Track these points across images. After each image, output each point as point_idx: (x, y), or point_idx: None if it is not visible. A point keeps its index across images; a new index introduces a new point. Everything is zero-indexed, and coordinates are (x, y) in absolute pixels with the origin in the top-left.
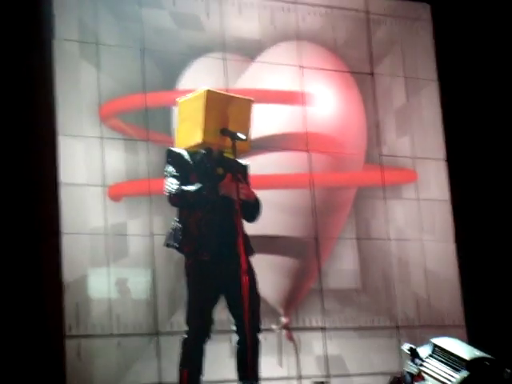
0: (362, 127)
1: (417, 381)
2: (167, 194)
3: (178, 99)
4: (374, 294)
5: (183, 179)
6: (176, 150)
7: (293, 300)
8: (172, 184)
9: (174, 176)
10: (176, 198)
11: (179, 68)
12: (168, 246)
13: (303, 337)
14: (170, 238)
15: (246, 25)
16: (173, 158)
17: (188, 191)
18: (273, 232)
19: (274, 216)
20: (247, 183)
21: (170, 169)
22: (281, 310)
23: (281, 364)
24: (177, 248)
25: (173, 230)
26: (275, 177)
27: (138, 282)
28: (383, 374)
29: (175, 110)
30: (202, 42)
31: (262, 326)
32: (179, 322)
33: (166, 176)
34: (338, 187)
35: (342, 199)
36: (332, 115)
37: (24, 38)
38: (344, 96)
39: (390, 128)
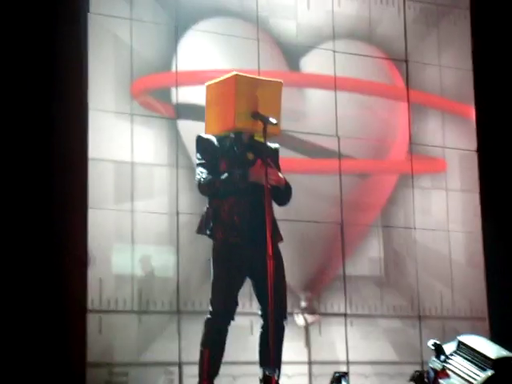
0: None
1: (440, 377)
2: (196, 183)
3: (206, 83)
4: (397, 283)
5: (213, 167)
6: (205, 136)
7: (315, 285)
8: (201, 173)
9: (203, 164)
10: (205, 187)
11: (212, 47)
12: (200, 233)
13: (324, 322)
14: (201, 224)
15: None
16: (202, 146)
17: (217, 180)
18: (298, 216)
19: (301, 200)
20: (278, 167)
21: (200, 157)
22: (301, 295)
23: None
24: (208, 235)
25: (204, 216)
26: (305, 161)
27: (162, 260)
28: (403, 363)
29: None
30: (237, 23)
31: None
32: (201, 301)
33: (196, 164)
34: (368, 174)
35: (377, 187)
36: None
37: (59, 11)
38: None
39: (421, 117)
